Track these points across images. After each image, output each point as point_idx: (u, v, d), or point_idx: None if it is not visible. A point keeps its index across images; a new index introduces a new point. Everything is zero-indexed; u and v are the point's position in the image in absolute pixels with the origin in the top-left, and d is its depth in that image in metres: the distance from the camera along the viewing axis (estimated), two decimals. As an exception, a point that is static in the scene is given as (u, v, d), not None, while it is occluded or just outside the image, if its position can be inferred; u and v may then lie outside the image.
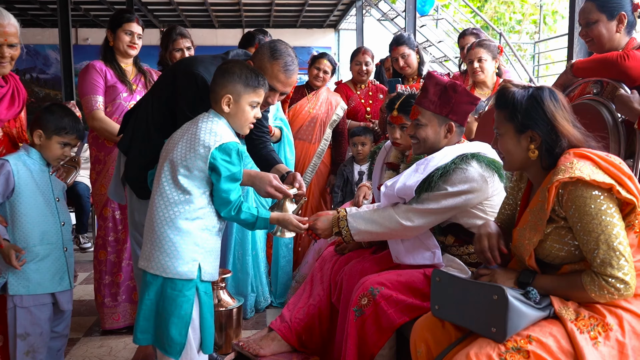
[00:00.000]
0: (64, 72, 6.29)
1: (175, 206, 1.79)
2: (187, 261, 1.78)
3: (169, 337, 1.77)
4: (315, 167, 3.74)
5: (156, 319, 1.80)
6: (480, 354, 1.42)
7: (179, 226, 1.78)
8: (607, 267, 1.43)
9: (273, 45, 2.09)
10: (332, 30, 12.41)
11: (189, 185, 1.79)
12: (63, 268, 2.20)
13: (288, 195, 2.10)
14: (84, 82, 2.86)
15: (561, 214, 1.52)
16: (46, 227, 2.16)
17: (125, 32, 2.91)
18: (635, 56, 2.15)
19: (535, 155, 1.59)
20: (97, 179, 2.95)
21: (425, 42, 9.88)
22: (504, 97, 1.63)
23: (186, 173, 1.79)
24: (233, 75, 1.85)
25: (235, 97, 1.85)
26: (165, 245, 1.78)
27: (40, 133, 2.15)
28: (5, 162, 2.07)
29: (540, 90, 1.60)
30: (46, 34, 10.96)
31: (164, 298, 1.78)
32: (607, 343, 1.43)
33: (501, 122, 1.64)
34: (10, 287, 2.07)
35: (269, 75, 2.05)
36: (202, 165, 1.78)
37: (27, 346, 2.10)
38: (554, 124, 1.56)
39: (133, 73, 3.00)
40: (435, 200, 2.00)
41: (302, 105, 3.72)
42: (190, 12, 10.70)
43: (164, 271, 1.77)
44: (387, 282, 2.00)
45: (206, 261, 1.83)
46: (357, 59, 3.93)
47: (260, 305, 3.28)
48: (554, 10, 14.86)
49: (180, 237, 1.78)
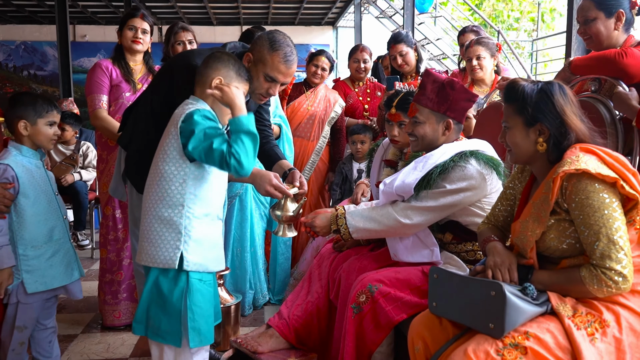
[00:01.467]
0: (61, 69, 6.27)
1: (156, 194, 1.78)
2: (167, 249, 1.76)
3: (161, 327, 1.76)
4: (313, 165, 3.74)
5: (151, 309, 1.79)
6: (478, 350, 1.43)
7: (160, 214, 1.76)
8: (606, 260, 1.44)
9: (272, 36, 2.08)
10: (331, 27, 12.38)
11: (168, 171, 1.76)
12: (73, 259, 2.25)
13: (288, 195, 2.10)
14: (90, 81, 2.90)
15: (563, 206, 1.53)
16: (52, 223, 2.19)
17: (129, 27, 2.93)
18: (633, 54, 2.15)
19: (543, 149, 1.60)
20: (101, 177, 2.99)
21: (424, 39, 9.86)
22: (514, 91, 1.63)
23: (164, 158, 1.77)
24: (227, 62, 1.85)
25: (227, 80, 1.84)
26: (151, 235, 1.78)
27: (25, 123, 2.15)
28: (7, 166, 2.08)
29: (549, 84, 1.61)
30: (44, 30, 10.92)
31: (155, 288, 1.77)
32: (604, 339, 1.43)
33: (510, 115, 1.64)
34: (28, 286, 2.09)
35: (269, 66, 2.05)
36: (175, 143, 1.75)
37: (23, 337, 2.14)
38: (563, 118, 1.57)
39: (141, 72, 3.01)
40: (434, 198, 2.00)
41: (300, 102, 3.72)
42: (189, 9, 10.67)
43: (149, 261, 1.77)
44: (385, 279, 2.00)
45: (192, 250, 1.77)
46: (355, 56, 3.93)
47: (258, 302, 3.29)
48: (552, 8, 14.85)
49: (162, 225, 1.76)
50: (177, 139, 1.76)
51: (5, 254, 2.03)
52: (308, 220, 2.17)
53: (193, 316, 1.77)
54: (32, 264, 2.11)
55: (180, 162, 1.77)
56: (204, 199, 1.81)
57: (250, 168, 1.74)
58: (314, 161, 3.74)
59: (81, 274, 2.29)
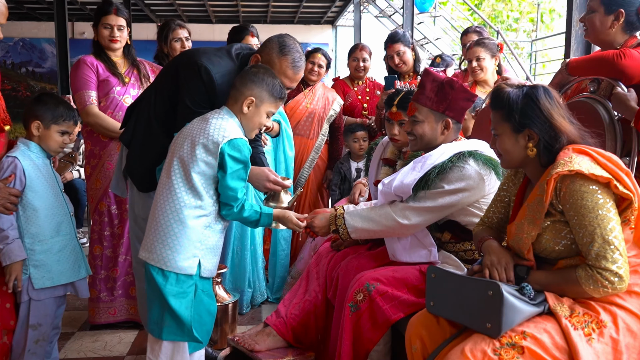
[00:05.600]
0: (60, 66, 6.27)
1: (182, 202, 1.80)
2: (187, 256, 1.80)
3: (168, 325, 1.80)
4: (313, 162, 3.74)
5: (156, 308, 1.82)
6: (475, 349, 1.43)
7: (184, 221, 1.79)
8: (601, 260, 1.44)
9: (282, 41, 2.09)
10: (330, 26, 12.37)
11: (198, 183, 1.80)
12: (79, 256, 2.26)
13: (285, 186, 2.13)
14: (76, 77, 2.82)
15: (558, 208, 1.53)
16: (59, 219, 2.20)
17: (104, 26, 2.83)
18: (631, 55, 2.15)
19: (533, 153, 1.60)
20: (92, 173, 2.91)
21: (423, 39, 9.86)
22: (499, 98, 1.64)
23: (197, 169, 1.80)
24: (262, 81, 1.89)
25: (258, 101, 1.89)
26: (169, 239, 1.79)
27: (38, 124, 2.15)
28: (15, 159, 2.08)
29: (534, 88, 1.61)
30: (42, 27, 10.90)
31: (163, 290, 1.79)
32: (601, 340, 1.44)
33: (498, 122, 1.65)
34: (35, 281, 2.10)
35: (276, 70, 2.05)
36: (211, 160, 1.80)
37: (38, 335, 2.14)
38: (551, 122, 1.57)
39: (125, 65, 2.94)
40: (432, 198, 2.00)
41: (299, 100, 3.71)
42: (188, 6, 10.66)
43: (164, 264, 1.79)
44: (382, 278, 2.00)
45: (206, 258, 1.84)
46: (354, 55, 3.92)
47: (256, 301, 3.29)
48: (551, 8, 14.85)
49: (184, 232, 1.79)
50: (214, 157, 1.79)
51: (16, 248, 2.05)
52: (307, 220, 2.18)
53: (197, 323, 1.83)
54: (39, 258, 2.11)
55: (211, 179, 1.82)
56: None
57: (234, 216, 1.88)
58: (314, 159, 3.74)
59: (88, 272, 2.30)
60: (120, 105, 2.86)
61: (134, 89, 2.92)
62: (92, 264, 2.93)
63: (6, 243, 2.03)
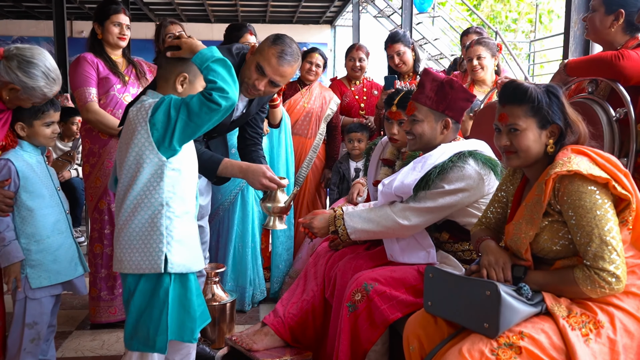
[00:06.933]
0: (58, 64, 6.24)
1: (133, 199, 1.68)
2: (150, 254, 1.67)
3: (147, 335, 1.70)
4: (310, 162, 3.75)
5: (134, 317, 1.72)
6: (472, 349, 1.43)
7: (140, 219, 1.68)
8: (599, 261, 1.44)
9: (279, 35, 2.13)
10: (329, 26, 12.39)
11: (143, 172, 1.67)
12: (76, 254, 2.27)
13: (281, 185, 2.13)
14: (76, 74, 2.82)
15: (556, 208, 1.53)
16: (55, 217, 2.20)
17: (113, 24, 2.87)
18: (630, 56, 2.15)
19: (553, 150, 1.59)
20: (92, 171, 2.90)
21: (422, 39, 9.87)
22: (522, 92, 1.59)
23: (137, 159, 1.68)
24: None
25: (192, 77, 1.77)
26: (133, 242, 1.69)
27: (22, 125, 2.16)
28: (7, 160, 2.08)
29: (552, 87, 1.61)
30: (41, 26, 10.89)
31: (133, 296, 1.71)
32: (599, 340, 1.44)
33: (520, 117, 1.58)
34: (32, 280, 2.10)
35: (263, 56, 2.06)
36: (145, 141, 1.66)
37: (34, 334, 2.14)
38: (569, 120, 1.59)
39: (124, 65, 2.97)
40: (432, 198, 2.01)
41: (296, 100, 3.72)
42: (186, 6, 10.67)
43: (130, 268, 1.69)
44: (380, 278, 2.00)
45: (175, 251, 1.69)
46: (351, 55, 3.93)
47: (256, 299, 3.29)
48: (549, 9, 14.88)
49: (144, 229, 1.68)
50: (147, 135, 1.66)
51: (14, 249, 2.06)
52: (306, 221, 2.18)
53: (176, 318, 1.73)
54: (36, 258, 2.12)
55: (155, 160, 1.68)
56: (183, 196, 1.74)
57: (235, 91, 1.63)
58: (311, 158, 3.75)
59: (85, 269, 2.30)
60: (120, 103, 2.87)
61: (133, 87, 2.94)
62: (93, 262, 2.93)
63: (3, 245, 2.04)
